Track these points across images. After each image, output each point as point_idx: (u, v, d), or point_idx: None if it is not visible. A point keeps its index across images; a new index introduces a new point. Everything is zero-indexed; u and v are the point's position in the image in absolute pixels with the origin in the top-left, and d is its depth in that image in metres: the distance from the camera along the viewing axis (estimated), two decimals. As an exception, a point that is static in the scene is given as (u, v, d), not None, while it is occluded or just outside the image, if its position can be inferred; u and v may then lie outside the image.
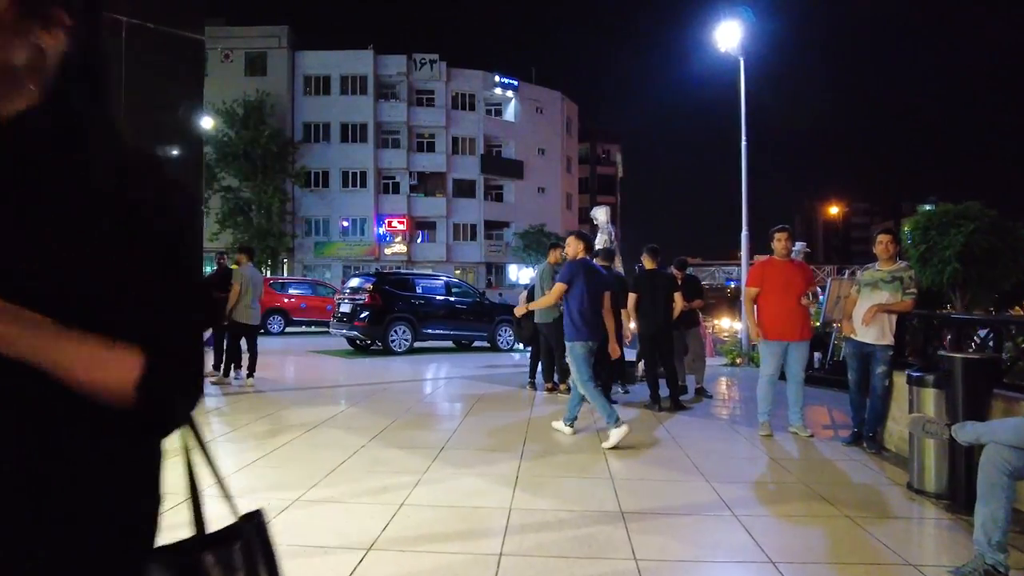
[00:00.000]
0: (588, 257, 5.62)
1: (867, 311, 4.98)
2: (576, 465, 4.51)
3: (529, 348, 8.32)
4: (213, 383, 7.95)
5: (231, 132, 35.15)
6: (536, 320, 7.47)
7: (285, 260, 39.25)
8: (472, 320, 13.75)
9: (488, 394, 7.65)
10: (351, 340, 13.09)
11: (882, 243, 5.09)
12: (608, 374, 6.97)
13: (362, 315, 12.28)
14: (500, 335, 14.06)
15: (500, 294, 24.80)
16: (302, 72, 40.91)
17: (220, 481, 0.91)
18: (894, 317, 5.04)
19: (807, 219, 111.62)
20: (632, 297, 6.66)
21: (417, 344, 13.25)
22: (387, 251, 40.18)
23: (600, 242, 9.11)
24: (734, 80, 14.79)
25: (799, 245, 10.96)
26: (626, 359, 7.63)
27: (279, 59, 40.57)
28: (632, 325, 7.10)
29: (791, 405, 5.63)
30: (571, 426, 5.45)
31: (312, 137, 40.58)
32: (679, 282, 7.29)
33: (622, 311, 6.82)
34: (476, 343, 14.40)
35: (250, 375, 7.92)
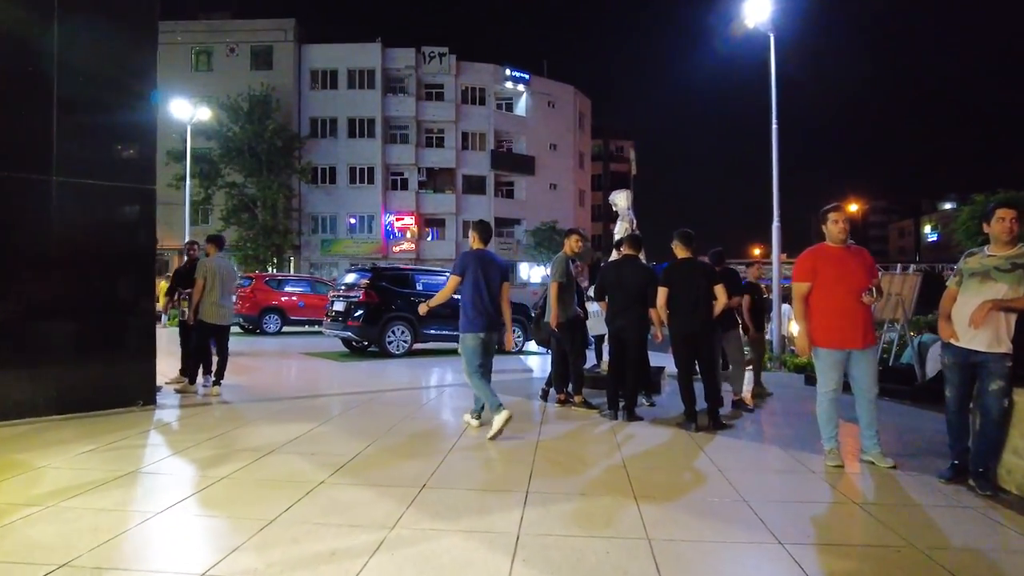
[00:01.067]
0: (485, 248, 5.50)
1: (977, 309, 3.80)
2: (599, 515, 3.38)
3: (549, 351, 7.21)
4: (177, 391, 6.92)
5: (235, 127, 34.30)
6: (548, 320, 6.38)
7: (291, 258, 38.40)
8: (477, 320, 12.65)
9: (490, 406, 6.54)
10: (346, 341, 12.04)
11: (1003, 220, 3.85)
12: (633, 381, 5.84)
13: (356, 314, 11.22)
14: (508, 336, 12.93)
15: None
16: (308, 66, 40.05)
17: None
18: (1012, 317, 3.86)
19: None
20: (662, 292, 5.51)
21: (418, 346, 12.18)
22: (395, 249, 39.21)
23: (620, 230, 7.97)
24: (753, 75, 13.60)
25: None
26: (651, 364, 6.51)
27: (285, 53, 39.73)
28: (655, 329, 5.97)
29: (864, 428, 4.47)
30: (477, 418, 5.56)
31: (319, 132, 39.70)
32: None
33: (651, 310, 5.70)
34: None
35: (216, 383, 6.87)
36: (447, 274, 13.15)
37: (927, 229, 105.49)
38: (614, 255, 7.88)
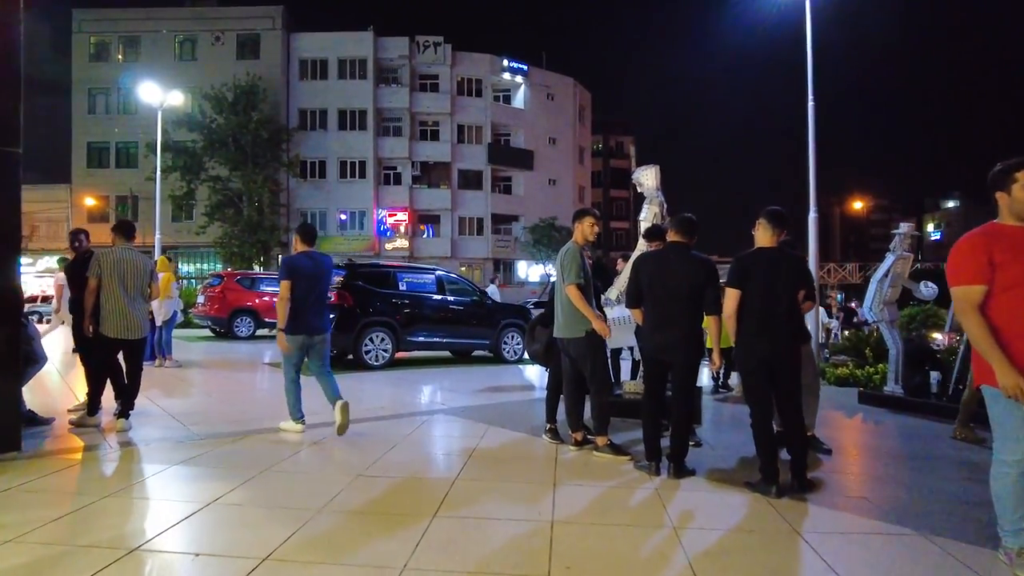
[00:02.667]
0: (310, 249, 5.34)
1: None
2: None
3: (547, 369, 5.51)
4: (72, 425, 5.24)
5: (219, 118, 32.56)
6: (559, 335, 4.71)
7: (279, 255, 36.68)
8: (471, 324, 10.99)
9: (485, 450, 4.88)
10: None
11: None
12: (682, 422, 4.17)
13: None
14: (506, 343, 11.29)
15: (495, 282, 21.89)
16: (298, 55, 38.36)
17: None
18: None
19: (823, 215, 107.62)
20: (732, 296, 3.85)
21: (401, 355, 10.52)
22: (388, 246, 37.54)
23: (648, 217, 6.31)
24: (759, 71, 11.97)
25: (904, 227, 8.09)
26: (696, 387, 4.86)
27: (273, 41, 38.02)
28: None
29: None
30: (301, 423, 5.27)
31: (308, 124, 38.01)
32: None
33: (711, 319, 4.05)
34: (475, 352, 11.66)
35: (122, 414, 5.19)
36: (435, 272, 11.54)
37: (929, 227, 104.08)
38: (642, 247, 6.23)
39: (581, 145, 46.87)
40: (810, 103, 11.29)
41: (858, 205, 74.06)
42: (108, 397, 5.40)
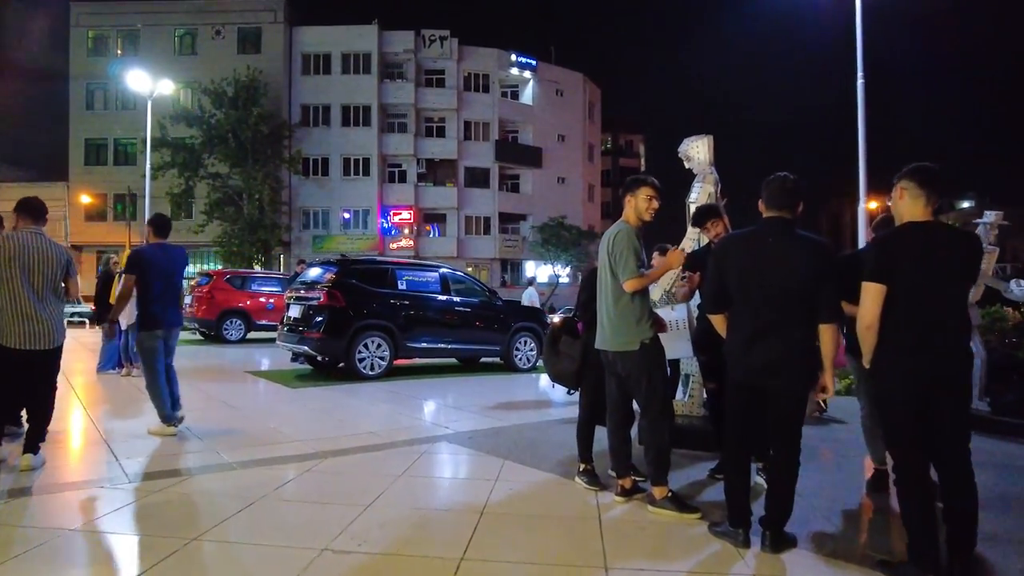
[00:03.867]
0: (163, 240, 5.20)
1: None
2: None
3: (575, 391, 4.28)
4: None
5: (219, 113, 31.52)
6: (604, 347, 3.50)
7: (281, 255, 35.62)
8: (479, 328, 9.78)
9: (501, 501, 3.65)
10: (310, 358, 9.20)
11: None
12: (785, 476, 2.94)
13: (316, 322, 8.37)
14: (518, 349, 10.08)
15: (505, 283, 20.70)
16: (300, 49, 37.27)
17: None
18: None
19: (833, 215, 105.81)
20: (872, 292, 2.63)
21: (400, 362, 9.34)
22: (392, 245, 36.36)
23: (701, 197, 5.12)
24: (773, 68, 10.74)
25: (991, 215, 6.83)
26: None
27: (275, 35, 36.95)
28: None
29: None
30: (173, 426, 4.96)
31: (311, 120, 36.92)
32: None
33: (827, 330, 2.84)
34: (482, 359, 10.46)
35: (29, 448, 4.01)
36: (439, 270, 10.32)
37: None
38: (691, 237, 5.04)
39: (591, 142, 45.62)
40: (859, 80, 10.05)
41: (873, 205, 72.44)
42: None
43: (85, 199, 34.65)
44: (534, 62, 40.99)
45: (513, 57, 40.16)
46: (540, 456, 4.57)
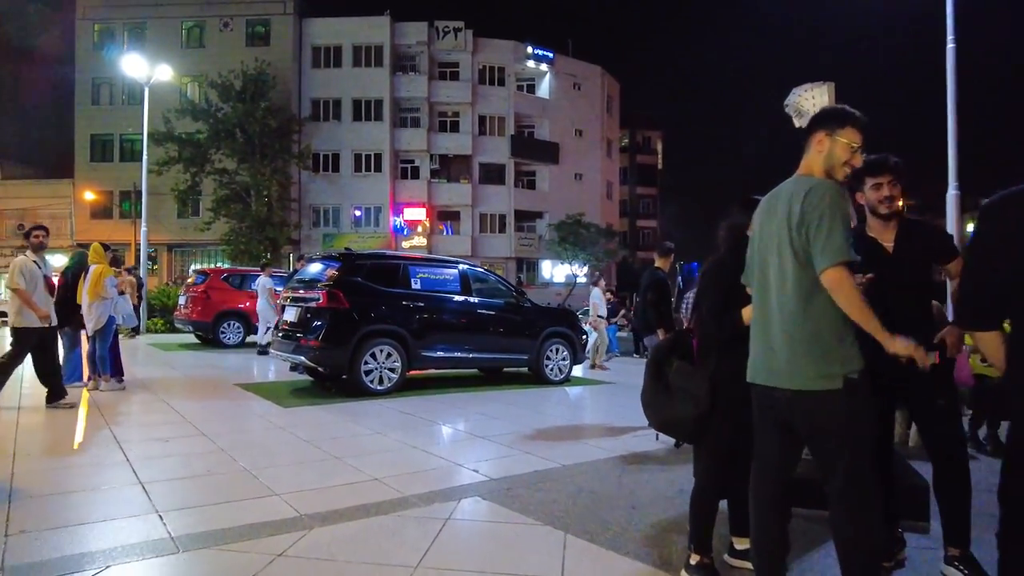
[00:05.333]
0: None
1: None
2: None
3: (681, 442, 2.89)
4: None
5: (226, 107, 30.43)
6: (776, 382, 2.09)
7: (290, 254, 34.48)
8: (505, 333, 8.45)
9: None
10: (309, 369, 7.88)
11: None
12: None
13: (315, 327, 7.06)
14: (549, 359, 8.74)
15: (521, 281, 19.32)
16: (310, 42, 36.20)
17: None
18: None
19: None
20: None
21: (413, 372, 8.02)
22: (405, 244, 35.13)
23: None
24: (796, 64, 9.32)
25: None
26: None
27: (284, 27, 35.90)
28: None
29: None
30: None
31: (321, 115, 35.80)
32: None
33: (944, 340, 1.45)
34: (503, 367, 9.13)
35: None
36: (459, 266, 8.96)
37: (969, 227, 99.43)
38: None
39: (609, 137, 44.17)
40: (949, 44, 8.59)
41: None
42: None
43: (89, 196, 33.70)
44: (551, 54, 39.64)
45: (529, 49, 38.84)
46: (615, 527, 3.22)
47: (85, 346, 7.46)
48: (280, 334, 7.72)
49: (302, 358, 7.12)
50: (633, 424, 5.78)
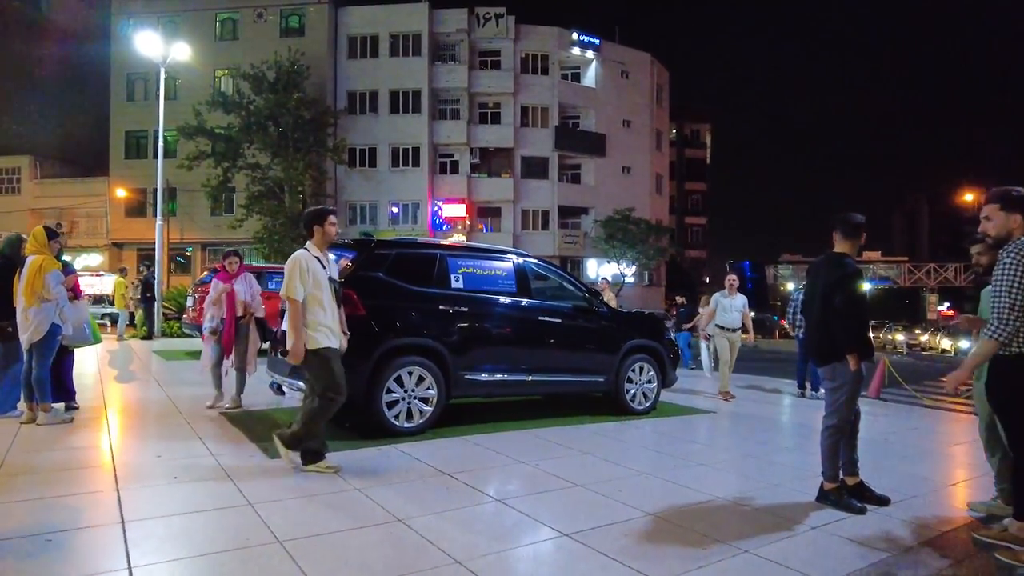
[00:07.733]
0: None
1: None
2: None
3: None
4: None
5: (259, 99, 29.11)
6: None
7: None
8: (575, 347, 6.32)
9: None
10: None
11: None
12: None
13: (319, 343, 5.08)
14: (631, 381, 6.59)
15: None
16: (346, 32, 34.79)
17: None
18: None
19: (909, 213, 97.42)
20: None
21: (453, 400, 5.96)
22: (444, 242, 33.33)
23: None
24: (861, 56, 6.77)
25: None
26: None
27: (319, 17, 34.57)
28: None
29: None
30: None
31: (357, 108, 34.35)
32: None
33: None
34: (573, 392, 6.98)
35: None
36: (510, 258, 6.57)
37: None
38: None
39: (659, 129, 41.58)
40: None
41: (969, 197, 65.21)
42: None
43: (121, 193, 32.90)
44: (597, 41, 37.36)
45: (575, 36, 36.65)
46: None
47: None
48: (277, 351, 5.78)
49: (302, 384, 5.14)
50: (807, 497, 3.61)
